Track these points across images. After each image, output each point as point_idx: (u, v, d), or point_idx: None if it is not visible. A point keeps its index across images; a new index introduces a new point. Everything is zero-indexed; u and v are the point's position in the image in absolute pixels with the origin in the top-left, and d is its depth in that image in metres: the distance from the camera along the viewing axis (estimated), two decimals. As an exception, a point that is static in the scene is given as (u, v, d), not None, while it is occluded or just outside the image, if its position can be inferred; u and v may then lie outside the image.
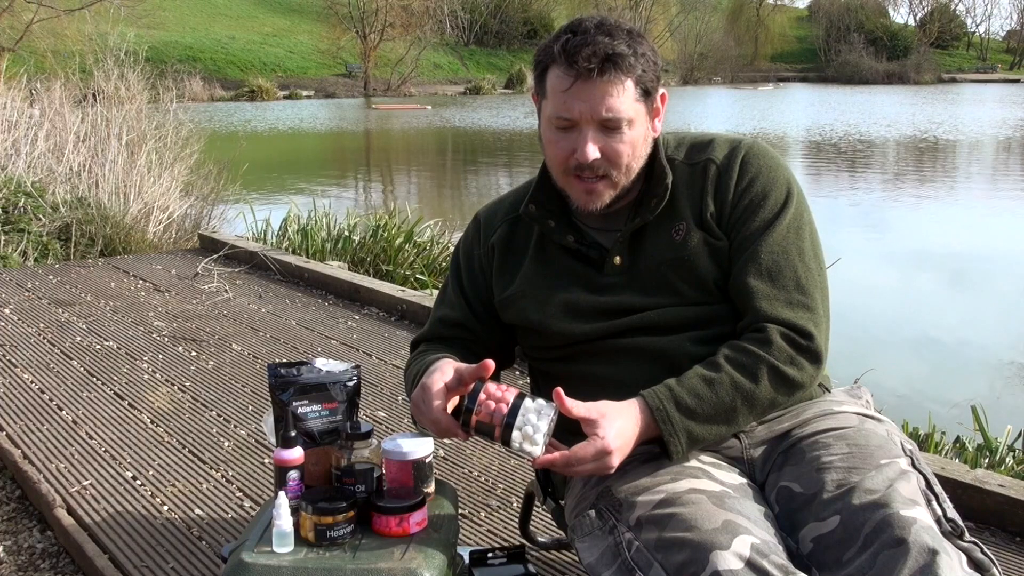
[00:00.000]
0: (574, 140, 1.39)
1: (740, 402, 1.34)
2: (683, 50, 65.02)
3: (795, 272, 1.40)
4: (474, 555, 1.76)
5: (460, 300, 1.60)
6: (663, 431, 1.31)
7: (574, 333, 1.47)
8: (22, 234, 5.76)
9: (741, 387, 1.33)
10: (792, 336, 1.36)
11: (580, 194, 1.44)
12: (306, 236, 5.97)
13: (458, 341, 1.58)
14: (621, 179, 1.42)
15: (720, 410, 1.33)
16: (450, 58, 54.67)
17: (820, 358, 1.38)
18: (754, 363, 1.34)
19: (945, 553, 1.13)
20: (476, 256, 1.61)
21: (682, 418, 1.32)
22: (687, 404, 1.32)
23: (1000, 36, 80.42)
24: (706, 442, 1.36)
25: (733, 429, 1.37)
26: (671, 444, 1.32)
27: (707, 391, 1.33)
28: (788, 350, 1.35)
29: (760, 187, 1.44)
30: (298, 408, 1.50)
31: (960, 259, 8.45)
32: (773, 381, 1.34)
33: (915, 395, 4.56)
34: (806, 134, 21.97)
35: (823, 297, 1.42)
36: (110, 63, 7.17)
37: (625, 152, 1.40)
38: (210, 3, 51.12)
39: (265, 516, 1.44)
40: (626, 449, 1.29)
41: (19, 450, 2.65)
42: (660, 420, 1.31)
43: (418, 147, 21.69)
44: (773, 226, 1.42)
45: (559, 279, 1.51)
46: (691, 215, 1.44)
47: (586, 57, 1.34)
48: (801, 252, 1.42)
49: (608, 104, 1.36)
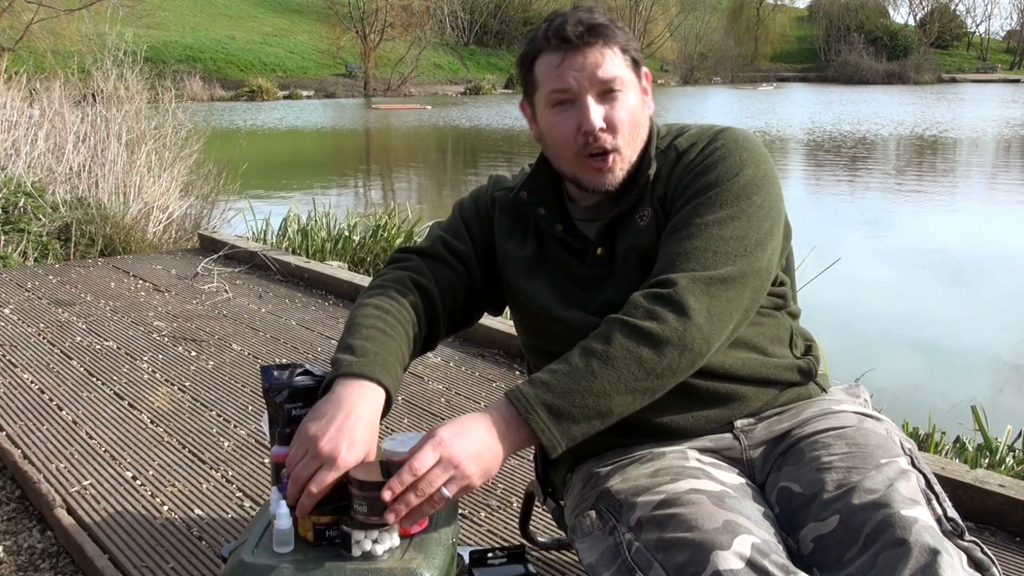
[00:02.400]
0: (576, 115, 1.38)
1: (596, 364, 1.24)
2: (683, 50, 65.09)
3: (705, 243, 1.32)
4: (474, 555, 1.76)
5: (463, 232, 1.58)
6: (519, 409, 1.22)
7: (558, 318, 1.47)
8: (22, 234, 5.76)
9: (592, 350, 1.25)
10: (652, 291, 1.29)
11: (594, 175, 1.41)
12: (306, 236, 5.98)
13: (447, 268, 1.53)
14: (627, 151, 1.41)
15: (576, 378, 1.23)
16: (450, 58, 54.69)
17: (682, 306, 1.26)
18: (607, 327, 1.28)
19: (946, 553, 1.13)
20: (483, 206, 1.61)
21: (536, 391, 1.23)
22: (540, 378, 1.25)
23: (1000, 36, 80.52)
24: (577, 421, 1.24)
25: (606, 401, 1.24)
26: (531, 421, 1.22)
27: (559, 364, 1.26)
28: (644, 304, 1.28)
29: (708, 162, 1.39)
30: (292, 411, 1.49)
31: (960, 258, 8.46)
32: (627, 336, 1.25)
33: (915, 395, 4.56)
34: (806, 134, 21.98)
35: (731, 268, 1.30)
36: (109, 63, 7.16)
37: (627, 120, 1.39)
38: (210, 3, 51.13)
39: (265, 516, 1.44)
40: (469, 443, 1.20)
41: (19, 450, 2.65)
42: (514, 399, 1.23)
43: (418, 147, 21.70)
44: (704, 198, 1.35)
45: (549, 264, 1.51)
46: (651, 201, 1.43)
47: (573, 25, 1.36)
48: (723, 226, 1.33)
49: (603, 66, 1.37)
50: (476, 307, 1.60)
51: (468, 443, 1.21)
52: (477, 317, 1.63)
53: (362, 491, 1.19)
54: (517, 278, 1.53)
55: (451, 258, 1.54)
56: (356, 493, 1.20)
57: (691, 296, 1.27)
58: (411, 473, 1.17)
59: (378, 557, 1.23)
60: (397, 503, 1.17)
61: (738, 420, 1.43)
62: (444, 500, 1.19)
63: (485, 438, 1.22)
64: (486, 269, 1.57)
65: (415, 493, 1.17)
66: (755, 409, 1.44)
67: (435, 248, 1.55)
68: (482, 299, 1.59)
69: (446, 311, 1.52)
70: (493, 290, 1.59)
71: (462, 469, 1.19)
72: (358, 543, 1.23)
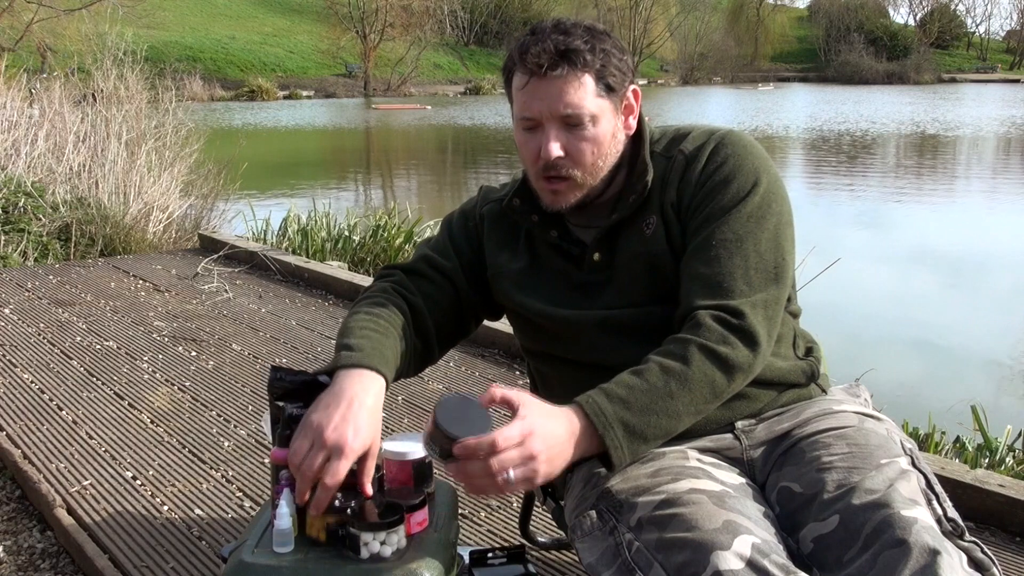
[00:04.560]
0: (539, 139, 1.39)
1: (675, 385, 1.25)
2: (683, 50, 65.10)
3: (745, 261, 1.34)
4: (474, 555, 1.76)
5: (449, 249, 1.59)
6: (596, 424, 1.22)
7: (555, 322, 1.47)
8: (22, 234, 5.76)
9: (671, 370, 1.27)
10: (722, 316, 1.30)
11: (547, 194, 1.44)
12: (306, 236, 5.98)
13: (433, 285, 1.54)
14: (587, 180, 1.41)
15: (655, 397, 1.24)
16: (450, 58, 54.69)
17: (753, 338, 1.30)
18: (682, 347, 1.29)
19: (946, 553, 1.13)
20: (472, 220, 1.61)
21: (615, 408, 1.23)
22: (619, 394, 1.25)
23: (1000, 36, 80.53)
24: (648, 440, 1.26)
25: (675, 423, 1.27)
26: (607, 437, 1.22)
27: (637, 380, 1.26)
28: (719, 329, 1.29)
29: (725, 173, 1.40)
30: (295, 411, 1.49)
31: (960, 258, 8.45)
32: (705, 359, 1.27)
33: (915, 395, 4.56)
34: (806, 133, 21.98)
35: (774, 285, 1.35)
36: (108, 63, 7.16)
37: (588, 150, 1.38)
38: (210, 3, 51.14)
39: (265, 516, 1.44)
40: (554, 441, 1.18)
41: (19, 450, 2.65)
42: (592, 413, 1.22)
43: (418, 146, 21.70)
44: (731, 213, 1.36)
45: (545, 272, 1.51)
46: (658, 208, 1.43)
47: (535, 55, 1.34)
48: (758, 242, 1.35)
49: (565, 100, 1.35)
50: (469, 319, 1.60)
51: (550, 441, 1.18)
52: (473, 327, 1.64)
53: (440, 433, 1.16)
54: (510, 292, 1.53)
55: (434, 274, 1.55)
56: (434, 432, 1.17)
57: (759, 326, 1.32)
58: (492, 445, 1.14)
59: (386, 559, 1.23)
60: (463, 464, 1.15)
61: (739, 420, 1.43)
62: (505, 484, 1.15)
63: (564, 442, 1.20)
64: (475, 284, 1.58)
65: (484, 465, 1.14)
66: (756, 410, 1.44)
67: (418, 265, 1.57)
68: (474, 311, 1.60)
69: (435, 323, 1.52)
70: (485, 303, 1.60)
71: (535, 464, 1.16)
72: (366, 545, 1.23)
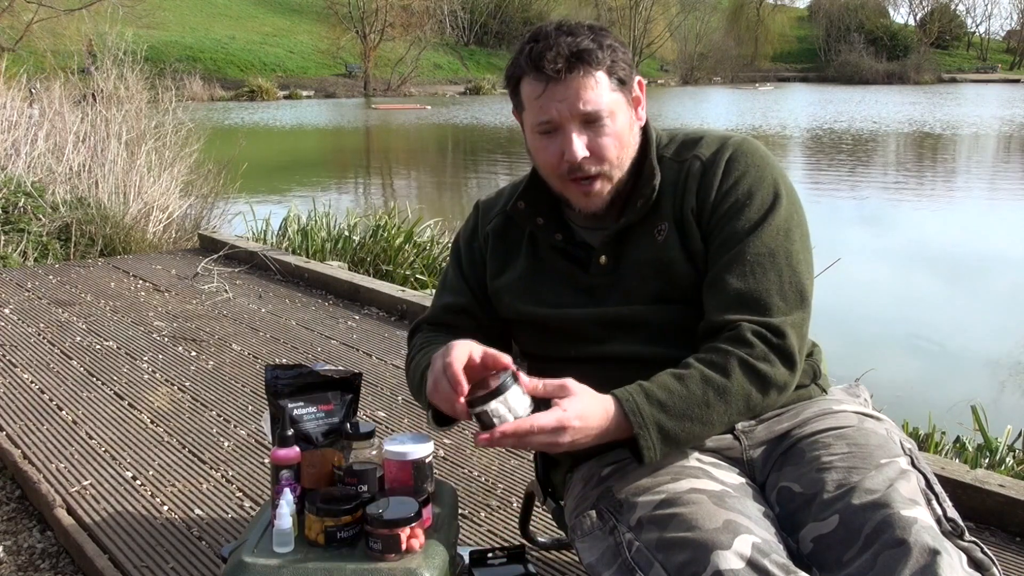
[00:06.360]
0: (560, 142, 1.39)
1: (713, 396, 1.28)
2: (683, 50, 65.06)
3: (780, 276, 1.36)
4: (474, 555, 1.76)
5: (462, 285, 1.60)
6: (632, 423, 1.25)
7: (561, 321, 1.47)
8: (22, 234, 5.77)
9: (712, 381, 1.29)
10: (764, 333, 1.32)
11: (579, 197, 1.43)
12: (306, 236, 5.97)
13: (460, 329, 1.55)
14: (615, 172, 1.42)
15: (692, 404, 1.28)
16: (450, 58, 54.67)
17: (792, 359, 1.34)
18: (724, 358, 1.31)
19: (946, 553, 1.13)
20: (476, 245, 1.61)
21: (652, 411, 1.26)
22: (658, 397, 1.28)
23: (1000, 36, 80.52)
24: (680, 444, 1.30)
25: (708, 430, 1.31)
26: (641, 438, 1.26)
27: (678, 385, 1.29)
28: (761, 346, 1.32)
29: (746, 186, 1.41)
30: (294, 410, 1.50)
31: (960, 258, 8.46)
32: (745, 375, 1.30)
33: (915, 395, 4.56)
34: (806, 133, 21.98)
35: (805, 304, 1.38)
36: (108, 63, 7.16)
37: (611, 145, 1.39)
38: (210, 3, 51.11)
39: (265, 516, 1.45)
40: (584, 433, 1.24)
41: (19, 450, 2.65)
42: (629, 411, 1.26)
43: (418, 146, 21.70)
44: (761, 227, 1.38)
45: (548, 276, 1.51)
46: (673, 215, 1.43)
47: (551, 60, 1.34)
48: (789, 255, 1.37)
49: (584, 98, 1.36)
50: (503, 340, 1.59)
51: (578, 438, 1.24)
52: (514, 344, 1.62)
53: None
54: (512, 304, 1.53)
55: (456, 319, 1.58)
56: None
57: (796, 347, 1.35)
58: (528, 427, 1.22)
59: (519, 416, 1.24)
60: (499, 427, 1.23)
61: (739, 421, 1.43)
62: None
63: (592, 436, 1.26)
64: (492, 310, 1.58)
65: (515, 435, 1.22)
66: (756, 410, 1.44)
67: (438, 317, 1.61)
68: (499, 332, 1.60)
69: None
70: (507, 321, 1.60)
71: (554, 448, 1.25)
72: (495, 412, 1.24)
